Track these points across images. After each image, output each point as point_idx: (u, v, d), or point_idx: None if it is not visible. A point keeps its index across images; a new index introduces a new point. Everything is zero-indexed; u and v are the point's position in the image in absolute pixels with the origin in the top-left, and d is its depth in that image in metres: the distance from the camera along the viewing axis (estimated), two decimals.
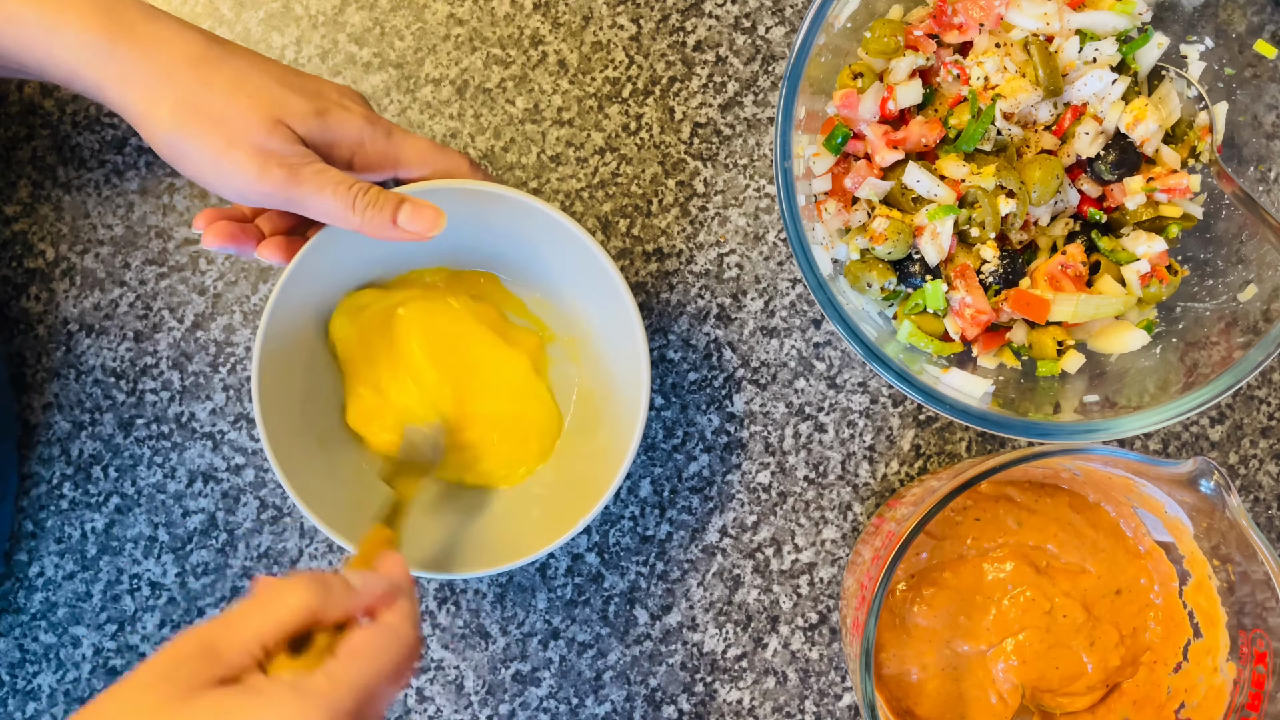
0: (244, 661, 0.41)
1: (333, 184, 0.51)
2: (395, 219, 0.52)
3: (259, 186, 0.50)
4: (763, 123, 0.66)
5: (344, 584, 0.45)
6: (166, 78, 0.50)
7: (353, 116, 0.53)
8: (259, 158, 0.50)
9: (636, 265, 0.65)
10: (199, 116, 0.49)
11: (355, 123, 0.53)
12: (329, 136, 0.52)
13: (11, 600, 0.65)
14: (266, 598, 0.43)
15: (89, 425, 0.65)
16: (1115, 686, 0.60)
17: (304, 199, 0.51)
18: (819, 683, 0.64)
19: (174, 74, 0.50)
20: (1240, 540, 0.50)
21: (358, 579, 0.46)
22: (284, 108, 0.51)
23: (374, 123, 0.54)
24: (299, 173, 0.50)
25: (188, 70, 0.50)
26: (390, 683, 0.43)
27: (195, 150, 0.50)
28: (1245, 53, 0.57)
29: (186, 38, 0.51)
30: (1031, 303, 0.56)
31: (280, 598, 0.43)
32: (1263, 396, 0.65)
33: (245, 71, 0.51)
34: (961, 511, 0.60)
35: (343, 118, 0.52)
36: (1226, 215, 0.58)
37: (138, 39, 0.50)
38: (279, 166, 0.50)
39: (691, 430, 0.65)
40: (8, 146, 0.66)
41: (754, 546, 0.64)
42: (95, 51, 0.49)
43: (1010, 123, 0.57)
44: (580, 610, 0.64)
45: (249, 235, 0.55)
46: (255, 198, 0.51)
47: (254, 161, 0.50)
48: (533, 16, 0.66)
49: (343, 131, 0.52)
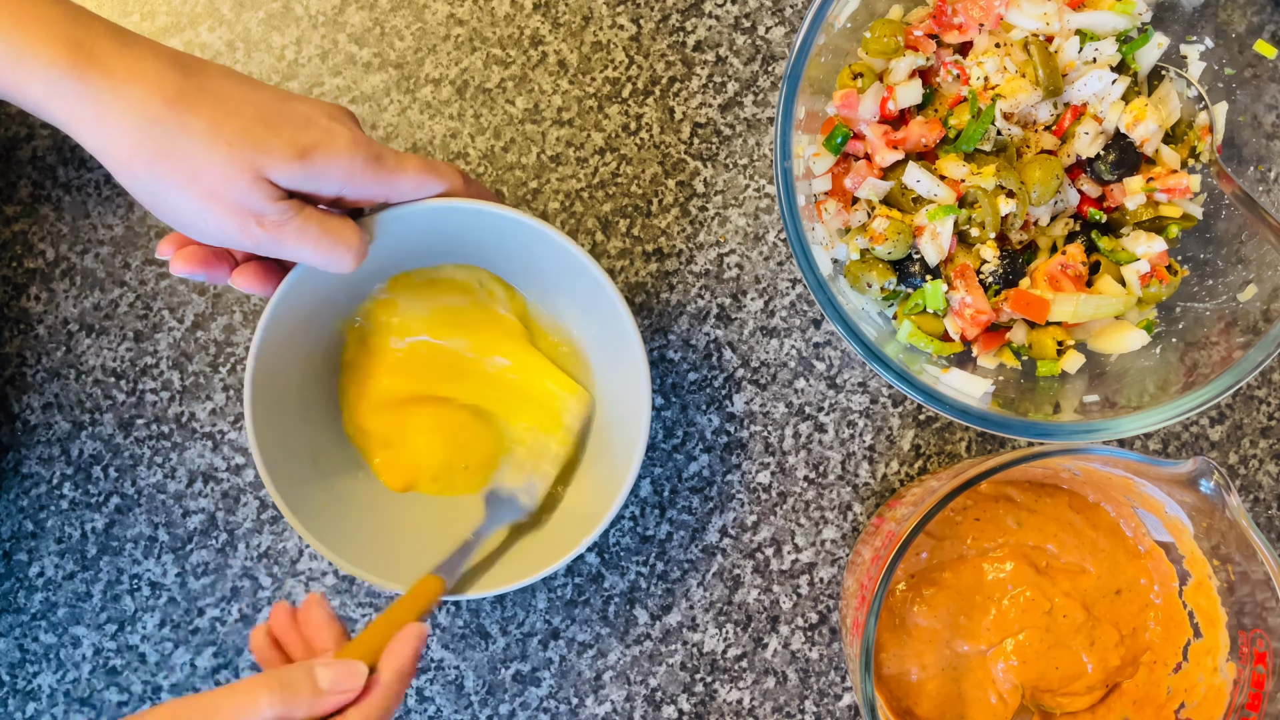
0: None
1: (313, 241, 0.50)
2: None
3: (240, 242, 0.49)
4: (763, 123, 0.66)
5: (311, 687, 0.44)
6: (142, 120, 0.47)
7: (339, 153, 0.50)
8: (239, 217, 0.48)
9: (636, 265, 0.65)
10: (175, 167, 0.47)
11: (342, 160, 0.50)
12: (314, 181, 0.49)
13: (11, 600, 0.65)
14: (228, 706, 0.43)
15: (89, 425, 0.65)
16: (1115, 686, 0.60)
17: (285, 254, 0.50)
18: (819, 683, 0.64)
19: (150, 116, 0.47)
20: (1240, 540, 0.50)
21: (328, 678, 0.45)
22: (264, 158, 0.48)
23: (363, 150, 0.51)
24: (281, 230, 0.49)
25: (163, 110, 0.47)
26: None
27: (172, 200, 0.48)
28: (1245, 53, 0.57)
29: (161, 70, 0.47)
30: (1031, 303, 0.56)
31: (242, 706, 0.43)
32: (1263, 396, 0.65)
33: (225, 111, 0.48)
34: (961, 511, 0.60)
35: (328, 157, 0.49)
36: (1226, 215, 0.58)
37: (109, 73, 0.46)
38: (259, 226, 0.48)
39: (691, 430, 0.65)
40: (8, 146, 0.66)
41: (754, 546, 0.64)
42: (64, 87, 0.46)
43: (1010, 123, 0.57)
44: (580, 610, 0.64)
45: (221, 260, 0.53)
46: (235, 247, 0.50)
47: (234, 220, 0.48)
48: (533, 16, 0.66)
49: (328, 171, 0.49)
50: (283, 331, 0.56)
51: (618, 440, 0.59)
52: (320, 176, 0.49)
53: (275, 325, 0.55)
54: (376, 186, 0.51)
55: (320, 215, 0.50)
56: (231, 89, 0.49)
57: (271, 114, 0.49)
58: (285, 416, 0.57)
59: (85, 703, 0.64)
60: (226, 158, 0.47)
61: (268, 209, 0.48)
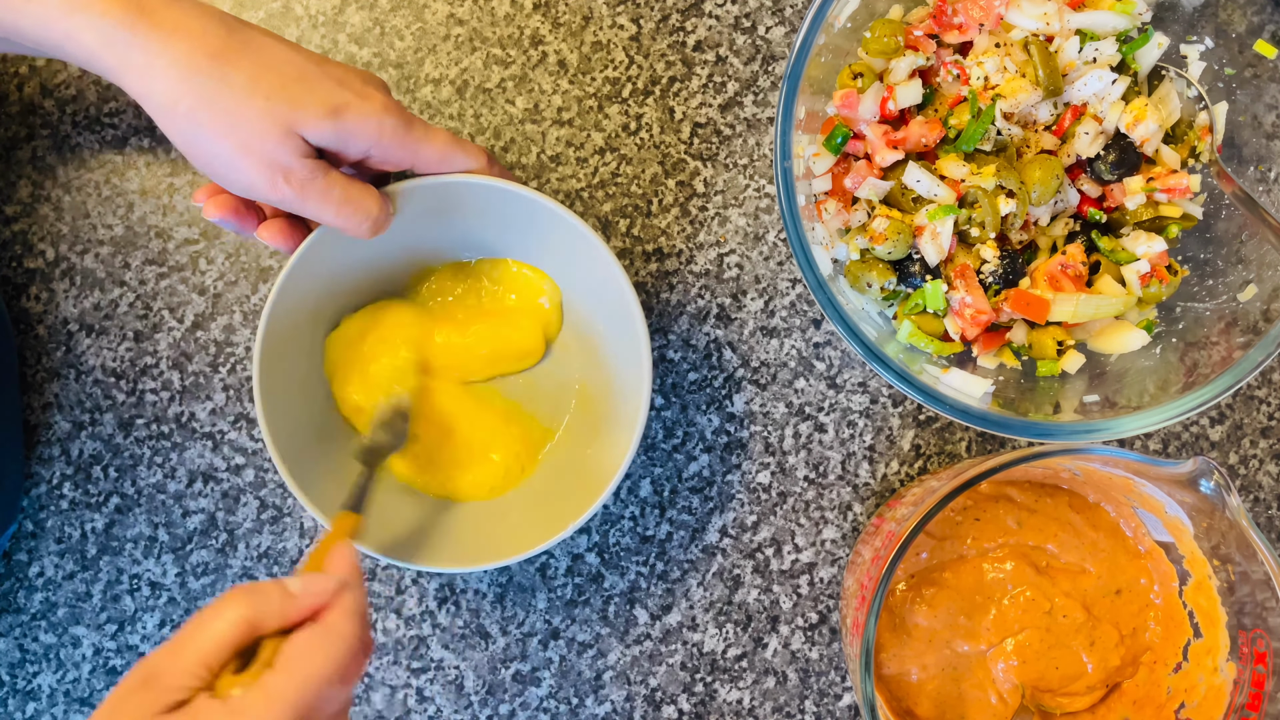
0: (188, 684, 0.41)
1: (336, 203, 0.52)
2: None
3: (267, 194, 0.51)
4: (763, 123, 0.66)
5: (281, 591, 0.44)
6: (186, 70, 0.49)
7: (370, 115, 0.52)
8: (269, 170, 0.50)
9: (636, 265, 0.65)
10: (215, 115, 0.50)
11: (372, 122, 0.52)
12: (343, 140, 0.52)
13: (11, 600, 0.65)
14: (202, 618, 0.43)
15: (89, 425, 0.65)
16: (1115, 686, 0.60)
17: (308, 212, 0.52)
18: (819, 683, 0.64)
19: (194, 67, 0.50)
20: (1240, 540, 0.50)
21: (297, 584, 0.45)
22: (298, 114, 0.50)
23: (393, 115, 0.53)
24: (306, 189, 0.51)
25: (207, 63, 0.50)
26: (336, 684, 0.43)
27: (209, 148, 0.50)
28: (1245, 53, 0.57)
29: (207, 26, 0.50)
30: (1031, 303, 0.56)
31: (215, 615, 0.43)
32: (1263, 396, 0.65)
33: (264, 66, 0.51)
34: (961, 511, 0.60)
35: (359, 117, 0.52)
36: (1226, 215, 0.58)
37: (159, 25, 0.49)
38: (287, 182, 0.51)
39: (691, 430, 0.65)
40: (8, 146, 0.66)
41: (754, 546, 0.64)
42: (115, 37, 0.49)
43: (1010, 123, 0.57)
44: (580, 610, 0.64)
45: (250, 211, 0.56)
46: (261, 200, 0.53)
47: (264, 173, 0.50)
48: (533, 16, 0.66)
49: (359, 131, 0.52)
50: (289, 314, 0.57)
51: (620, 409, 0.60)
52: (350, 135, 0.52)
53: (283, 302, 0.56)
54: (403, 151, 0.54)
55: (345, 180, 0.53)
56: (272, 47, 0.52)
57: (308, 73, 0.52)
58: (290, 390, 0.58)
59: (85, 703, 0.64)
60: (263, 111, 0.50)
61: (295, 165, 0.51)
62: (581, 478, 0.59)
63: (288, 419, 0.57)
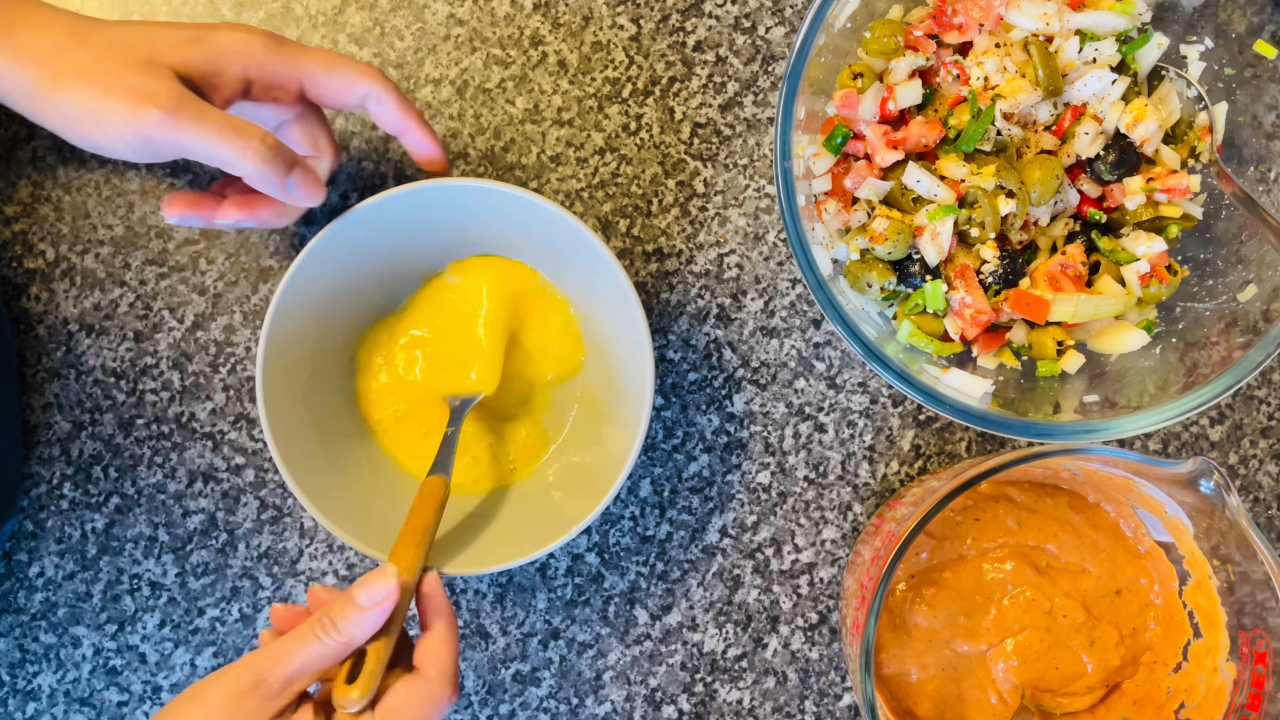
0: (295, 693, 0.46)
1: (217, 125, 0.49)
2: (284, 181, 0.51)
3: (138, 129, 0.48)
4: (763, 123, 0.66)
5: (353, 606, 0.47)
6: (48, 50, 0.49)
7: (237, 32, 0.51)
8: (133, 98, 0.48)
9: (636, 265, 0.65)
10: (77, 75, 0.49)
11: (239, 37, 0.50)
12: (213, 61, 0.50)
13: (11, 600, 0.65)
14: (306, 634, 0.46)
15: (89, 425, 0.65)
16: (1115, 686, 0.60)
17: (188, 141, 0.49)
18: (819, 683, 0.64)
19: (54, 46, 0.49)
20: (1240, 540, 0.50)
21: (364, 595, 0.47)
22: (156, 44, 0.50)
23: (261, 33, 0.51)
24: (178, 111, 0.48)
25: (67, 39, 0.49)
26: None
27: (74, 106, 0.49)
28: (1245, 53, 0.57)
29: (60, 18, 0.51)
30: (1031, 303, 0.56)
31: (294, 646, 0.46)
32: (1263, 396, 0.65)
33: (127, 29, 0.51)
34: (961, 511, 0.60)
35: (226, 35, 0.50)
36: (1226, 215, 0.58)
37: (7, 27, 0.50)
38: (154, 105, 0.48)
39: (691, 430, 0.65)
40: (8, 146, 0.66)
41: (754, 546, 0.64)
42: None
43: (1010, 123, 0.57)
44: (580, 610, 0.64)
45: (208, 201, 0.55)
46: (142, 147, 0.50)
47: (129, 104, 0.48)
48: (533, 16, 0.66)
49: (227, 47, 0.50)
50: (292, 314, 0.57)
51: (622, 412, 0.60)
52: (219, 54, 0.50)
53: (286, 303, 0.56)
54: (283, 66, 0.52)
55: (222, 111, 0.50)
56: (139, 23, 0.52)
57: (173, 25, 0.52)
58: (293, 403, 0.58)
59: (85, 703, 0.64)
60: (122, 52, 0.49)
61: (161, 87, 0.48)
62: (583, 479, 0.59)
63: (289, 419, 0.57)
